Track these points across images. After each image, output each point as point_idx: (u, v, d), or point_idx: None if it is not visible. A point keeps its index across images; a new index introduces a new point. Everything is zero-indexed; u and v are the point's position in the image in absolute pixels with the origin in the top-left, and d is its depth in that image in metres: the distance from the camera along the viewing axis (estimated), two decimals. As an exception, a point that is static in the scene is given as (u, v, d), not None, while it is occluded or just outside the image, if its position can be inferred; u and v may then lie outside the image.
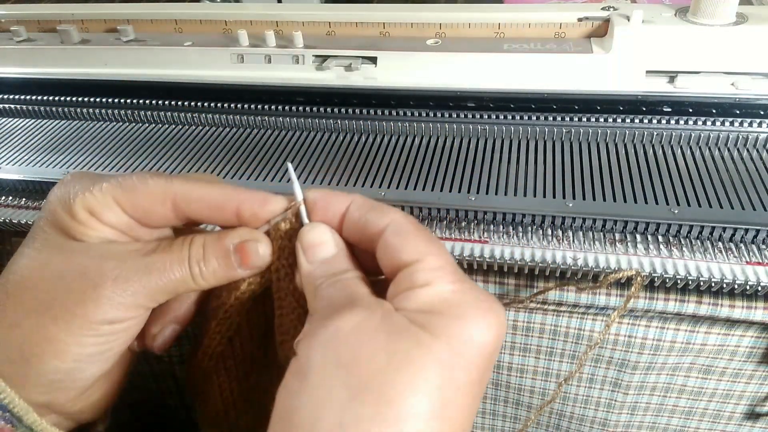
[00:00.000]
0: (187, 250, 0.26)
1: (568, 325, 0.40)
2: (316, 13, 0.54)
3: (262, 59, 0.51)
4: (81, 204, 0.26)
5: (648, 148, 0.43)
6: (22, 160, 0.48)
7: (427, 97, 0.48)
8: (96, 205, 0.26)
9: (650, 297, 0.37)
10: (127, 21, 0.58)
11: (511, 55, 0.48)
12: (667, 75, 0.46)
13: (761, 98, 0.43)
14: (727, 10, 0.44)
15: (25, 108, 0.54)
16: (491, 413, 0.48)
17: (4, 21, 0.61)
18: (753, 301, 0.35)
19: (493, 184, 0.41)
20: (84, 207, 0.26)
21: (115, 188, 0.26)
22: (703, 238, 0.37)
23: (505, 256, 0.37)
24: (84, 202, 0.26)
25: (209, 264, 0.26)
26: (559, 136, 0.45)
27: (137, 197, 0.26)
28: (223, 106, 0.51)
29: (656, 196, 0.38)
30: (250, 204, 0.27)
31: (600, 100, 0.46)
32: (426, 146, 0.46)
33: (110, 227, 0.26)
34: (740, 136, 0.43)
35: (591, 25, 0.50)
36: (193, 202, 0.27)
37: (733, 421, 0.44)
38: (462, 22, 0.52)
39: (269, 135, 0.49)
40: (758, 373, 0.40)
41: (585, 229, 0.38)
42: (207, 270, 0.26)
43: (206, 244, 0.27)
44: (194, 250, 0.26)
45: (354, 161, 0.44)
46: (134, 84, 0.53)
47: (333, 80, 0.50)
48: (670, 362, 0.40)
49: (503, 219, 0.39)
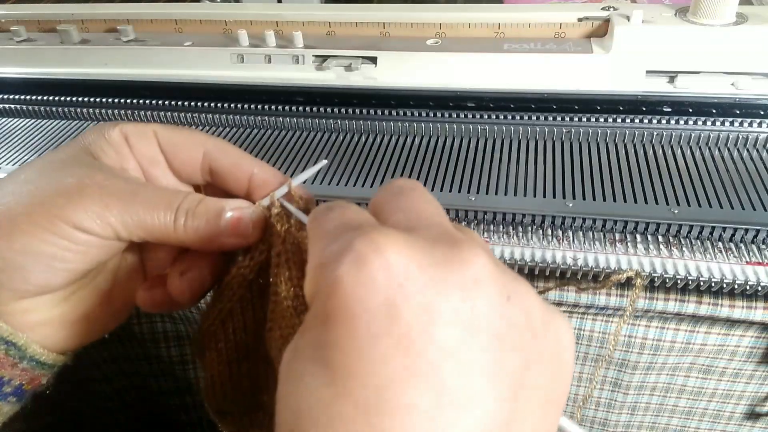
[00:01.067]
0: (181, 197, 0.26)
1: (568, 325, 0.40)
2: (316, 13, 0.54)
3: (262, 59, 0.51)
4: (119, 128, 0.27)
5: (648, 148, 0.43)
6: (22, 160, 0.48)
7: (427, 97, 0.48)
8: (133, 131, 0.27)
9: (650, 297, 0.37)
10: (127, 21, 0.58)
11: (511, 55, 0.48)
12: (667, 75, 0.46)
13: (761, 98, 0.43)
14: (727, 10, 0.44)
15: (25, 108, 0.54)
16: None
17: (4, 21, 0.61)
18: (753, 301, 0.35)
19: (493, 184, 0.41)
20: (121, 130, 0.27)
21: (157, 125, 0.28)
22: (703, 238, 0.37)
23: (505, 256, 0.37)
24: (123, 126, 0.27)
25: (197, 218, 0.26)
26: (559, 136, 0.45)
27: (176, 134, 0.28)
28: (223, 106, 0.51)
29: (656, 196, 0.38)
30: (264, 172, 0.28)
31: (600, 100, 0.45)
32: (426, 146, 0.46)
33: (136, 160, 0.27)
34: (740, 136, 0.43)
35: (591, 25, 0.50)
36: (221, 153, 0.28)
37: (733, 421, 0.44)
38: (462, 22, 0.52)
39: (269, 135, 0.49)
40: (758, 373, 0.40)
41: (585, 229, 0.38)
42: (191, 223, 0.26)
43: (203, 200, 0.27)
44: (188, 199, 0.26)
45: (354, 161, 0.44)
46: (134, 84, 0.53)
47: (333, 80, 0.50)
48: (670, 362, 0.40)
49: (503, 219, 0.39)
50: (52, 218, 0.24)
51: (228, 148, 0.29)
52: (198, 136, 0.29)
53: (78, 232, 0.24)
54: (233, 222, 0.27)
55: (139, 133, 0.27)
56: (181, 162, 0.29)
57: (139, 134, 0.27)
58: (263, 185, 0.28)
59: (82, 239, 0.25)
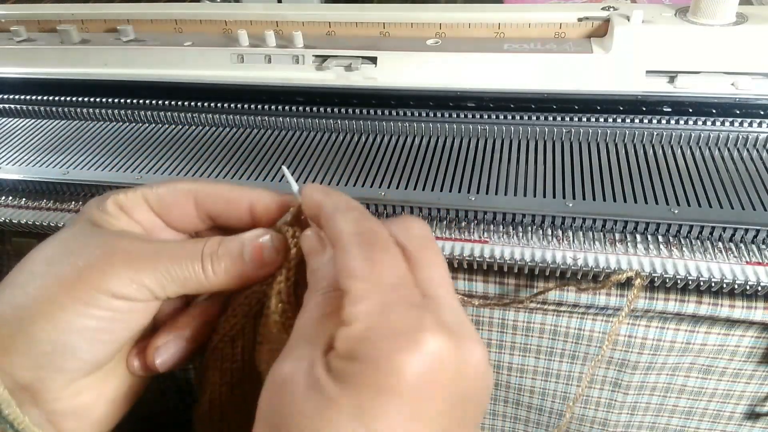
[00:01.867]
0: (201, 245, 0.27)
1: (568, 325, 0.40)
2: (316, 13, 0.54)
3: (262, 59, 0.51)
4: (112, 200, 0.28)
5: (648, 148, 0.43)
6: (22, 160, 0.48)
7: (427, 97, 0.48)
8: (126, 201, 0.28)
9: (650, 297, 0.37)
10: (127, 21, 0.58)
11: (511, 55, 0.48)
12: (667, 75, 0.46)
13: (761, 98, 0.43)
14: (727, 10, 0.45)
15: (25, 108, 0.54)
16: (491, 413, 0.48)
17: (4, 21, 0.61)
18: (753, 301, 0.35)
19: (493, 184, 0.41)
20: (115, 202, 0.28)
21: (145, 188, 0.28)
22: (703, 238, 0.37)
23: (505, 256, 0.37)
24: (115, 198, 0.28)
25: (222, 259, 0.27)
26: (559, 136, 0.45)
27: (164, 194, 0.28)
28: (223, 106, 0.51)
29: (656, 196, 0.38)
30: (262, 199, 0.29)
31: (600, 100, 0.46)
32: (426, 146, 0.46)
33: (137, 223, 0.28)
34: (740, 136, 0.43)
35: (591, 25, 0.50)
36: (211, 197, 0.28)
37: (733, 421, 0.44)
38: (462, 22, 0.52)
39: (269, 135, 0.49)
40: (758, 373, 0.40)
41: (585, 229, 0.38)
42: (218, 266, 0.27)
43: (221, 241, 0.27)
44: (209, 245, 0.27)
45: (354, 161, 0.44)
46: (134, 84, 0.53)
47: (333, 80, 0.50)
48: (670, 362, 0.40)
49: (503, 219, 0.39)
50: (90, 291, 0.24)
51: (216, 189, 0.29)
52: (184, 186, 0.29)
53: (117, 300, 0.25)
54: (256, 254, 0.27)
55: (130, 201, 0.28)
56: (176, 219, 0.29)
57: (131, 203, 0.28)
58: (266, 212, 0.29)
59: (122, 307, 0.25)
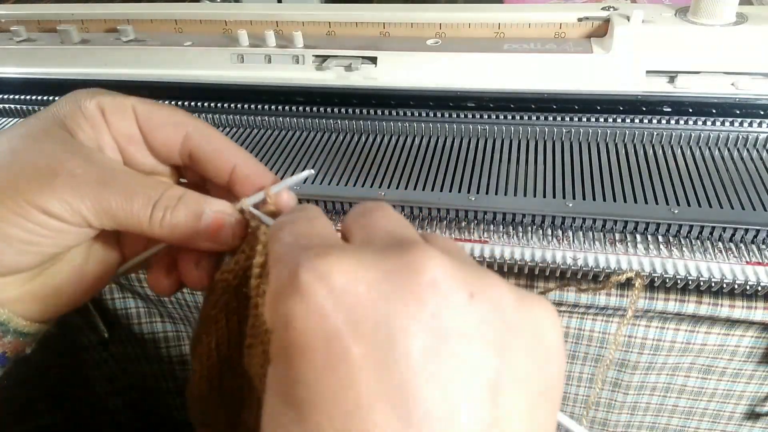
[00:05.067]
0: (161, 191, 0.25)
1: (568, 325, 0.40)
2: (316, 13, 0.54)
3: (262, 59, 0.51)
4: (97, 102, 0.25)
5: (648, 148, 0.43)
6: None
7: (427, 97, 0.48)
8: (110, 105, 0.25)
9: (650, 297, 0.37)
10: (127, 21, 0.58)
11: (511, 55, 0.48)
12: (667, 75, 0.46)
13: (761, 98, 0.43)
14: (727, 10, 0.44)
15: (25, 108, 0.54)
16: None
17: (4, 21, 0.61)
18: (753, 301, 0.35)
19: (493, 184, 0.41)
20: (97, 103, 0.25)
21: (137, 100, 0.26)
22: (703, 238, 0.37)
23: (505, 256, 0.37)
24: (100, 98, 0.25)
25: (175, 215, 0.25)
26: (559, 136, 0.45)
27: (156, 111, 0.26)
28: (223, 106, 0.51)
29: (656, 196, 0.38)
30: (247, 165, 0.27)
31: (600, 100, 0.45)
32: (426, 146, 0.46)
33: (112, 138, 0.26)
34: (740, 136, 0.43)
35: (591, 25, 0.50)
36: (203, 139, 0.27)
37: (733, 421, 0.44)
38: (462, 22, 0.52)
39: (269, 135, 0.49)
40: (758, 373, 0.40)
41: (585, 229, 0.38)
42: (169, 219, 0.25)
43: (185, 196, 0.25)
44: (168, 195, 0.25)
45: (354, 161, 0.44)
46: (134, 84, 0.53)
47: (333, 80, 0.50)
48: (670, 362, 0.40)
49: (503, 219, 0.39)
50: (23, 203, 0.23)
51: (212, 133, 0.27)
52: (180, 116, 0.27)
53: (49, 218, 0.24)
54: (213, 227, 0.25)
55: (116, 107, 0.26)
56: (159, 142, 0.27)
57: (117, 109, 0.26)
58: (245, 181, 0.27)
59: (52, 225, 0.24)
